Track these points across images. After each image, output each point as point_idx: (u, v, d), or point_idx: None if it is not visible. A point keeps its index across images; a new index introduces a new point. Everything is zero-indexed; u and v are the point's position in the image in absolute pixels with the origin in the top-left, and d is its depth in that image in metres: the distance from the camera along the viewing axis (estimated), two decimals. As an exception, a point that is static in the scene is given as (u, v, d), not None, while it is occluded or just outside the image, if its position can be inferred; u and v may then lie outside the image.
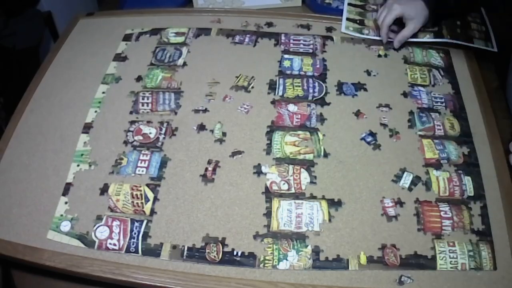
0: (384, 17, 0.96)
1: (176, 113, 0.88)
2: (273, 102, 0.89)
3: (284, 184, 0.76)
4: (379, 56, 0.98)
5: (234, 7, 1.22)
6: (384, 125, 0.84)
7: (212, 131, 0.84)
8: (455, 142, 0.82)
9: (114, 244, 0.70)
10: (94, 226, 0.72)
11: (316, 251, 0.68)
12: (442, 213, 0.72)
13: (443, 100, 0.89)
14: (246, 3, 1.24)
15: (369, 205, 0.73)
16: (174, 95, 0.91)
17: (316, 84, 0.93)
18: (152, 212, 0.73)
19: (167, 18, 1.09)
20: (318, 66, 0.96)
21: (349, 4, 1.09)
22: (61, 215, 0.73)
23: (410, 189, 0.75)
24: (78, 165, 0.80)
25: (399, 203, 0.73)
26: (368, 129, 0.84)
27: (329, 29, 1.05)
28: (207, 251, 0.69)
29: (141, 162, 0.80)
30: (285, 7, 1.23)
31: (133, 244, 0.70)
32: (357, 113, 0.86)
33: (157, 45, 1.02)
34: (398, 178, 0.77)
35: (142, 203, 0.74)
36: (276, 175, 0.77)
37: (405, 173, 0.77)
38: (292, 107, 0.88)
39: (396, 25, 0.97)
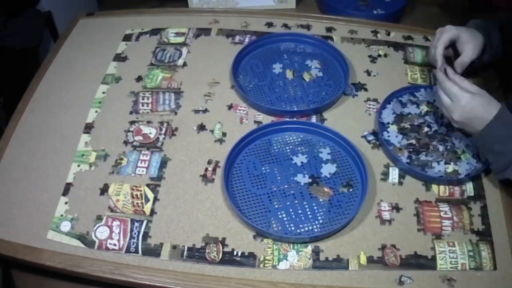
0: (437, 38, 0.82)
1: (176, 113, 0.88)
2: (273, 102, 0.89)
3: (284, 184, 0.76)
4: (379, 56, 0.98)
5: (229, 7, 1.22)
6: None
7: (212, 131, 0.84)
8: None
9: (114, 244, 0.70)
10: (94, 226, 0.72)
11: (316, 251, 0.68)
12: (442, 213, 0.72)
13: (443, 100, 0.89)
14: (240, 3, 1.24)
15: (369, 205, 0.73)
16: (174, 95, 0.91)
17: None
18: (152, 212, 0.73)
19: (167, 18, 1.09)
20: (318, 66, 0.96)
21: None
22: (61, 215, 0.73)
23: (400, 183, 0.76)
24: (78, 165, 0.80)
25: (396, 208, 0.73)
26: (371, 129, 0.84)
27: (329, 29, 1.05)
28: (207, 251, 0.69)
29: (141, 162, 0.80)
30: (279, 9, 1.22)
31: (133, 244, 0.70)
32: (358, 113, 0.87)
33: (157, 45, 1.02)
34: (385, 175, 0.77)
35: (142, 203, 0.74)
36: (276, 175, 0.77)
37: (390, 169, 0.78)
38: (292, 107, 0.88)
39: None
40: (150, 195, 0.75)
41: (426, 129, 0.82)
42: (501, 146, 0.68)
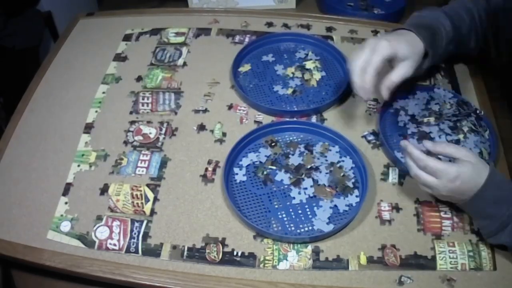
0: (367, 59, 0.70)
1: (176, 113, 0.88)
2: (273, 102, 0.89)
3: (284, 184, 0.76)
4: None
5: (229, 7, 1.22)
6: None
7: (212, 131, 0.84)
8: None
9: (114, 244, 0.70)
10: (94, 226, 0.72)
11: (316, 251, 0.68)
12: (442, 213, 0.72)
13: (443, 100, 0.89)
14: (240, 3, 1.25)
15: (369, 205, 0.73)
16: (174, 95, 0.91)
17: (316, 84, 0.93)
18: (152, 212, 0.73)
19: (167, 18, 1.09)
20: (318, 66, 0.96)
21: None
22: (61, 215, 0.73)
23: (400, 183, 0.76)
24: (78, 165, 0.80)
25: (396, 208, 0.73)
26: (371, 129, 0.84)
27: (329, 29, 1.05)
28: (207, 251, 0.69)
29: (141, 162, 0.80)
30: (279, 9, 1.22)
31: (133, 244, 0.70)
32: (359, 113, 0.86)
33: (157, 45, 1.02)
34: (385, 175, 0.77)
35: (142, 203, 0.74)
36: (276, 175, 0.77)
37: (390, 169, 0.78)
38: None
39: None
40: (150, 195, 0.75)
41: (426, 129, 0.82)
42: (493, 208, 0.63)
